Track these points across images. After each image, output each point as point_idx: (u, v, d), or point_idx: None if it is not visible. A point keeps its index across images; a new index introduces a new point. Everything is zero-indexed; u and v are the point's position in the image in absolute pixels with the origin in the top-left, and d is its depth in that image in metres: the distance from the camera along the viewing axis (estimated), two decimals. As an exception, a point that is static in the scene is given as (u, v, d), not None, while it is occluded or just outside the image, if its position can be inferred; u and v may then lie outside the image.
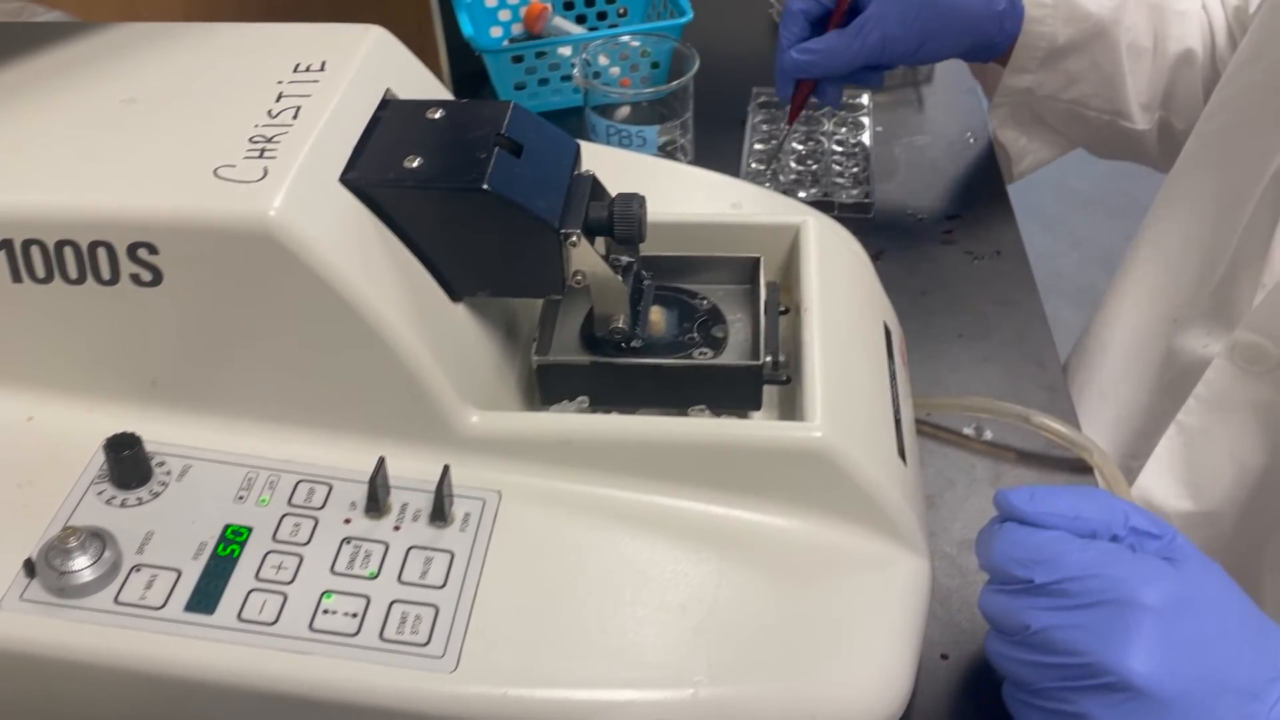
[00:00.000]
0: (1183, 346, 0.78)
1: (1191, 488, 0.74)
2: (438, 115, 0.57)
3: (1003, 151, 0.97)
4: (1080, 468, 0.72)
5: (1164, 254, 0.82)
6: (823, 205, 0.91)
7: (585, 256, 0.56)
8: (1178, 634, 0.47)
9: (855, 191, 0.94)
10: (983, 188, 0.97)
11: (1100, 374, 0.86)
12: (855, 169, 0.97)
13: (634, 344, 0.59)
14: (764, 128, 1.03)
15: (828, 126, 1.02)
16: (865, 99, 1.05)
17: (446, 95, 0.64)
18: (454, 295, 0.56)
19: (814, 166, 0.98)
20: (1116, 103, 0.88)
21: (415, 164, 0.53)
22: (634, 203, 0.57)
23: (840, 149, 1.00)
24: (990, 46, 0.86)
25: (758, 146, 1.01)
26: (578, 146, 0.59)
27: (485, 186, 0.52)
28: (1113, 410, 0.84)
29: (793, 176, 0.97)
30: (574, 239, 0.55)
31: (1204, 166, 0.79)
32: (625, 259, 0.59)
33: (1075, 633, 0.48)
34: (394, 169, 0.53)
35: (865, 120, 1.03)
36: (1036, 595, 0.49)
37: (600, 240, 0.58)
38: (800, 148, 1.00)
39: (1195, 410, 0.74)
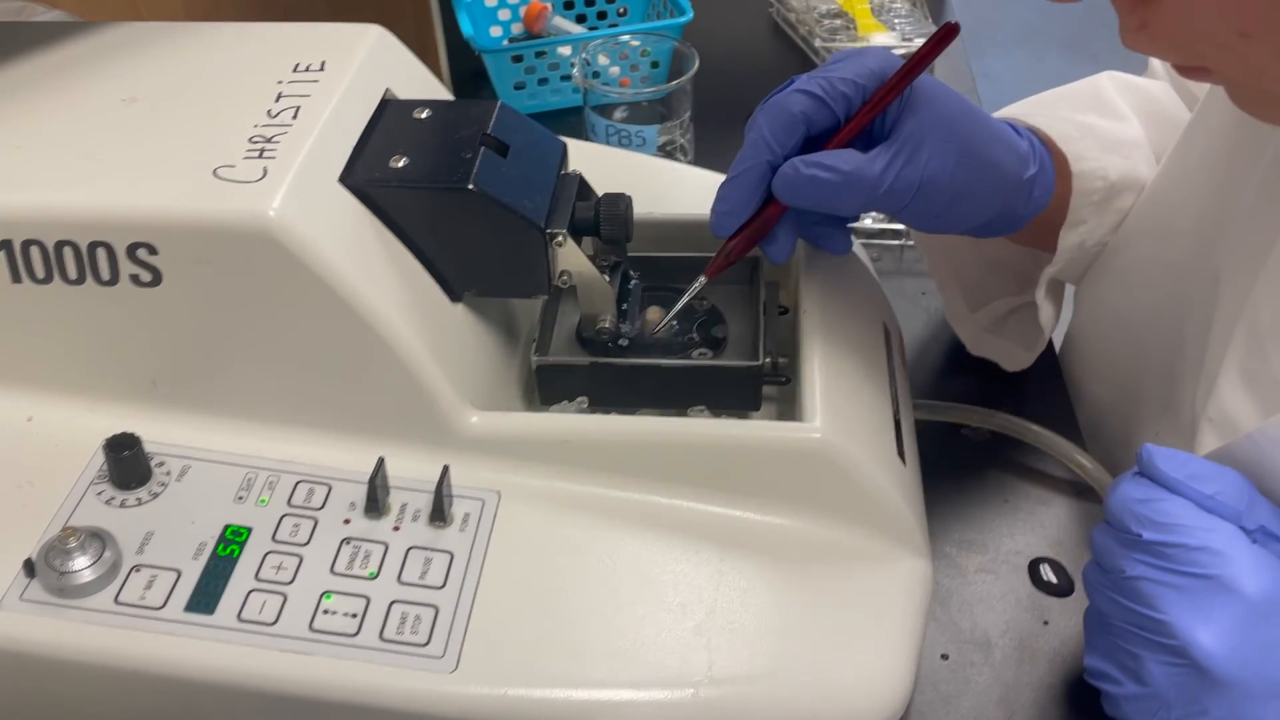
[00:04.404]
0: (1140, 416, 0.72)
1: None
2: (424, 115, 0.57)
3: (1022, 334, 0.78)
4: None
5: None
6: (891, 233, 0.89)
7: (571, 256, 0.56)
8: (1259, 630, 0.48)
9: None
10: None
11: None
12: None
13: (621, 342, 0.59)
14: None
15: None
16: None
17: (446, 95, 0.64)
18: (454, 295, 0.56)
19: None
20: None
21: (401, 164, 0.54)
22: (620, 203, 0.57)
23: None
24: (1013, 218, 0.65)
25: None
26: (564, 146, 0.59)
27: (470, 186, 0.52)
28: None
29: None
30: (560, 239, 0.55)
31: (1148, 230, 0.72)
32: (613, 258, 0.59)
33: (1163, 590, 0.49)
34: (380, 169, 0.53)
35: None
36: (1141, 550, 0.50)
37: (588, 240, 0.58)
38: None
39: None
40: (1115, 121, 0.73)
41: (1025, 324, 0.78)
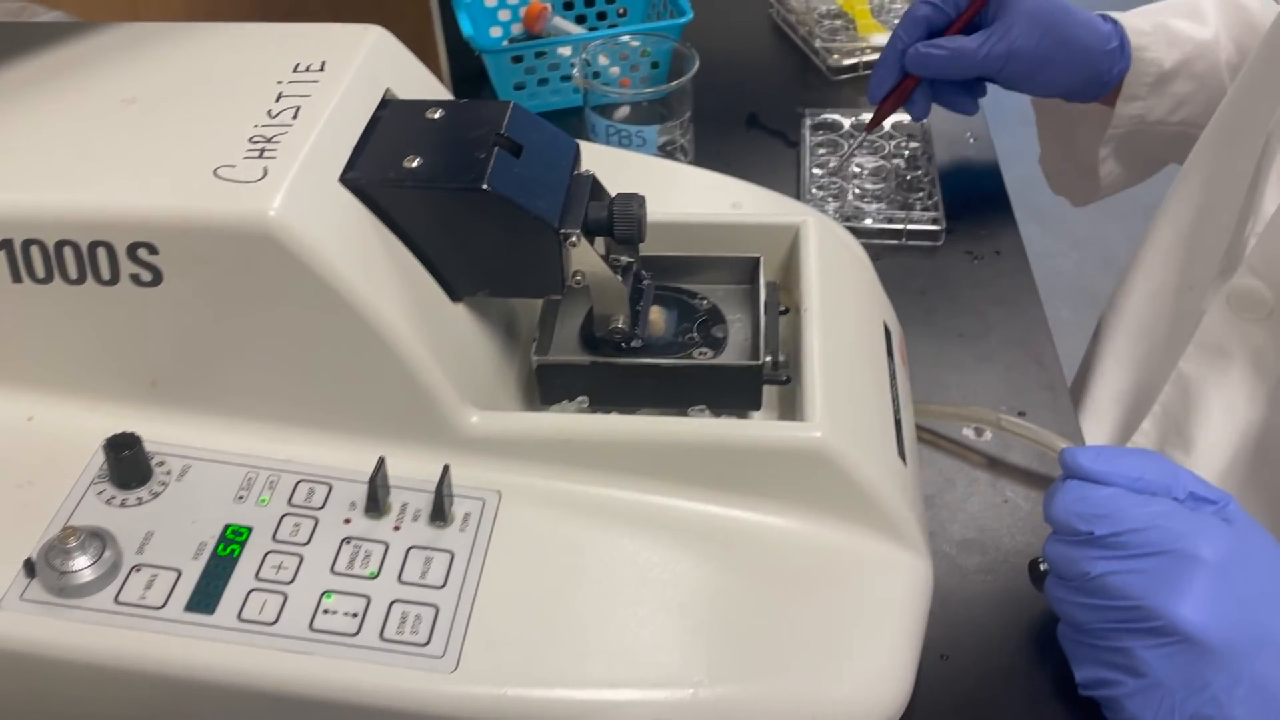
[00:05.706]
0: (1194, 307, 0.78)
1: (1185, 440, 0.75)
2: (437, 115, 0.57)
3: (1086, 181, 0.98)
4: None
5: (1181, 221, 0.84)
6: (891, 233, 0.90)
7: (585, 256, 0.56)
8: (1230, 589, 0.50)
9: (925, 217, 0.91)
10: (983, 188, 0.97)
11: (1117, 340, 0.88)
12: (922, 193, 0.94)
13: (634, 344, 0.59)
14: (821, 151, 0.99)
15: (888, 149, 0.99)
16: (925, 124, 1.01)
17: (446, 95, 0.64)
18: (454, 295, 0.56)
19: (879, 188, 0.94)
20: None
21: (415, 164, 0.53)
22: (634, 202, 0.57)
23: (904, 165, 0.96)
24: (1099, 84, 0.87)
25: (816, 171, 0.97)
26: (577, 146, 0.59)
27: (485, 186, 0.52)
28: (1129, 374, 0.85)
29: (856, 203, 0.93)
30: (574, 239, 0.55)
31: (1224, 132, 0.81)
32: (625, 259, 0.59)
33: (1131, 578, 0.51)
34: (394, 169, 0.53)
35: (928, 144, 0.99)
36: (1097, 546, 0.52)
37: (600, 240, 0.58)
38: (862, 170, 0.96)
39: (1194, 358, 0.75)
40: (1196, 25, 0.88)
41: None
